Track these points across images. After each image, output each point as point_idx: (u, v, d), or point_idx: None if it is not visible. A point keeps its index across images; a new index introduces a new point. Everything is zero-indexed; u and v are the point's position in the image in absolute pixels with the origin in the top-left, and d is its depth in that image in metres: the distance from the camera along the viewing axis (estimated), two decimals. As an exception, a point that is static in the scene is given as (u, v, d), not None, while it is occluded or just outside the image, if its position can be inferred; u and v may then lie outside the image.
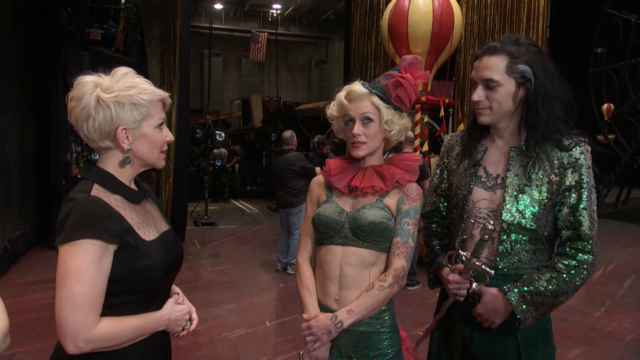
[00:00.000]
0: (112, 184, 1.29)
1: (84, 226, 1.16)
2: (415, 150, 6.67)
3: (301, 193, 5.50)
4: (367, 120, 1.55)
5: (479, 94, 1.50)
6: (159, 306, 1.33)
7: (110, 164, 1.31)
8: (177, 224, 7.34)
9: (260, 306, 4.70)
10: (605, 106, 11.99)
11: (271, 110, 16.39)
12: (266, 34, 18.20)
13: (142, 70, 8.12)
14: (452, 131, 8.04)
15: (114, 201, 1.27)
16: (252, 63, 21.48)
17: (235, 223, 9.42)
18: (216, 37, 21.18)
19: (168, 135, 1.38)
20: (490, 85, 1.47)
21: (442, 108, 6.35)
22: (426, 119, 7.05)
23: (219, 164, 11.00)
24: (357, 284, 1.54)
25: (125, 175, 1.33)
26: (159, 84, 7.37)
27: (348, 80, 1.64)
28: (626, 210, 10.21)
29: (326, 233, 1.59)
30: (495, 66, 1.45)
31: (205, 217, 9.13)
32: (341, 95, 1.60)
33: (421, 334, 1.75)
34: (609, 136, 11.92)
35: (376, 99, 1.55)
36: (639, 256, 6.97)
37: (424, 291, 5.04)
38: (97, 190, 1.26)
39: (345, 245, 1.56)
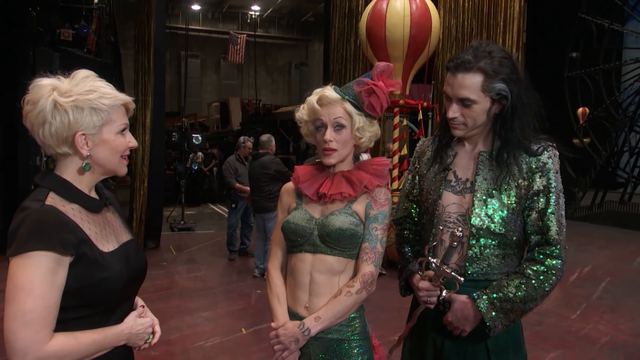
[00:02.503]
0: (69, 192, 1.25)
1: (36, 237, 1.12)
2: (394, 154, 6.71)
3: (277, 198, 5.47)
4: (339, 126, 1.55)
5: (454, 111, 1.50)
6: (119, 319, 1.29)
7: (69, 171, 1.27)
8: (152, 229, 7.25)
9: (237, 313, 4.65)
10: (580, 110, 12.27)
11: (250, 113, 16.33)
12: (245, 35, 18.12)
13: (115, 72, 8.02)
14: (432, 134, 8.10)
15: (71, 210, 1.22)
16: (231, 65, 21.36)
17: (212, 228, 9.32)
18: (194, 39, 21.03)
19: (131, 141, 1.35)
20: (466, 103, 1.48)
21: (421, 111, 6.39)
22: (405, 122, 7.08)
23: (196, 167, 10.87)
24: (327, 291, 1.53)
25: (85, 183, 1.28)
26: (134, 85, 7.28)
27: (327, 82, 1.63)
28: (601, 213, 10.43)
29: (295, 241, 1.58)
30: (470, 85, 1.46)
31: (182, 222, 9.04)
32: (313, 99, 1.58)
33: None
34: (585, 140, 12.19)
35: (348, 106, 1.54)
36: (613, 258, 7.11)
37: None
38: (53, 199, 1.21)
39: (315, 252, 1.56)
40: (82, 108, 1.21)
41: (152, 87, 6.95)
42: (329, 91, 1.56)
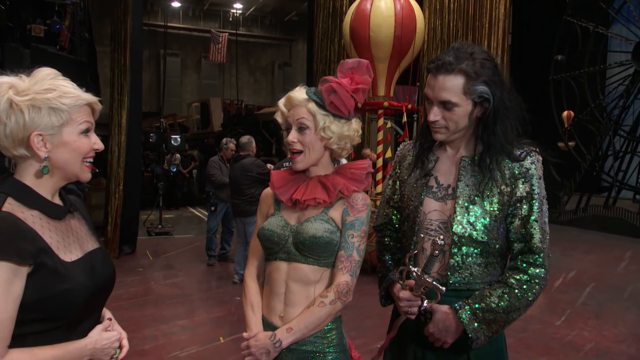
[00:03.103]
0: (29, 197, 1.20)
1: (-10, 246, 1.07)
2: (377, 157, 6.72)
3: (258, 201, 5.43)
4: (302, 127, 1.52)
5: (435, 114, 1.49)
6: (84, 334, 1.25)
7: (28, 175, 1.22)
8: (128, 234, 7.14)
9: (215, 321, 4.59)
10: (565, 113, 12.45)
11: (231, 114, 16.24)
12: (227, 34, 18.04)
13: (91, 70, 7.87)
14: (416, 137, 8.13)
15: (30, 217, 1.18)
16: (212, 64, 21.25)
17: (191, 232, 9.24)
18: (174, 37, 20.86)
19: (97, 143, 1.30)
20: (447, 106, 1.47)
21: (405, 114, 6.41)
22: (389, 124, 7.10)
23: (174, 170, 10.76)
24: (303, 300, 1.51)
25: (46, 188, 1.24)
26: (110, 84, 7.18)
27: (310, 83, 1.60)
28: (586, 218, 10.57)
29: (270, 248, 1.56)
30: (452, 87, 1.44)
31: (159, 226, 8.95)
32: (281, 102, 1.58)
33: None
34: (569, 143, 12.37)
35: (312, 105, 1.51)
36: (598, 264, 7.22)
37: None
38: (11, 205, 1.16)
39: (289, 261, 1.53)
40: (40, 107, 1.17)
41: (129, 86, 6.86)
42: (297, 92, 1.55)
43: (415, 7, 6.34)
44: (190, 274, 6.32)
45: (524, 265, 1.47)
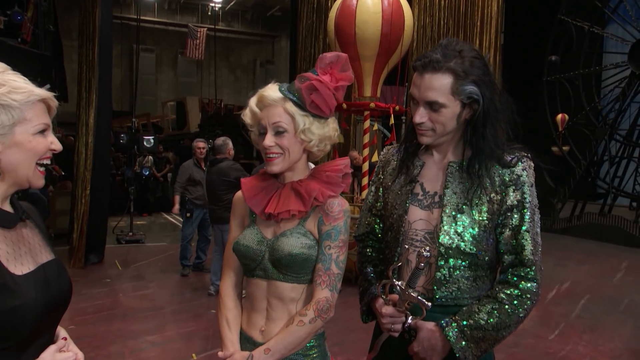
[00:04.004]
0: (-25, 204, 1.15)
1: None
2: (363, 160, 6.72)
3: (236, 207, 5.40)
4: (279, 130, 1.47)
5: (421, 116, 1.47)
6: (35, 355, 1.19)
7: (-26, 179, 1.17)
8: (95, 241, 7.02)
9: (188, 337, 4.52)
10: (559, 116, 12.62)
11: (209, 114, 16.17)
12: (205, 29, 17.95)
13: (56, 65, 7.75)
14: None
15: (-24, 226, 1.13)
16: (190, 61, 21.14)
17: (164, 240, 9.14)
18: (148, 31, 20.70)
19: (54, 143, 1.25)
20: (434, 107, 1.45)
21: (393, 115, 6.42)
22: (376, 126, 7.11)
23: (147, 173, 10.65)
24: (285, 316, 1.49)
25: None
26: (77, 81, 7.07)
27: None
28: (581, 226, 10.69)
29: (247, 264, 1.52)
30: (439, 87, 1.42)
31: (130, 233, 8.83)
32: (252, 101, 1.51)
33: None
34: (564, 148, 12.52)
35: (290, 105, 1.46)
36: (593, 274, 7.30)
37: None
38: (-45, 212, 1.11)
39: (268, 278, 1.49)
40: None
41: (97, 83, 6.76)
42: (270, 90, 1.48)
43: (404, 3, 6.37)
44: (162, 285, 6.22)
45: (515, 279, 1.45)
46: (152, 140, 9.28)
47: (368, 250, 1.72)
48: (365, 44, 6.17)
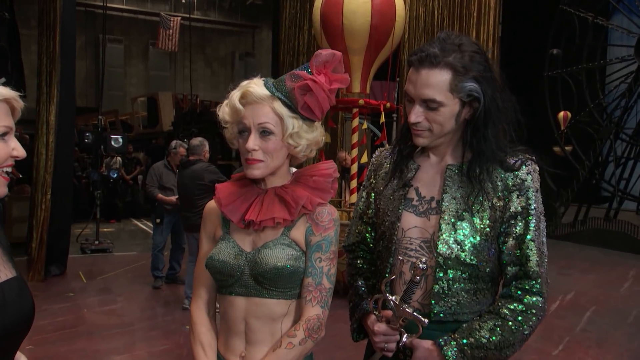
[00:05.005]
0: None
1: None
2: (352, 162, 6.71)
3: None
4: (265, 132, 1.43)
5: (417, 115, 1.46)
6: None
7: None
8: (56, 251, 6.93)
9: (160, 356, 4.48)
10: (561, 114, 12.74)
11: (184, 111, 16.07)
12: (179, 18, 17.83)
13: (13, 56, 7.63)
14: (395, 139, 8.18)
15: None
16: (162, 53, 21.02)
17: (134, 249, 9.07)
18: (116, 20, 20.55)
19: (16, 149, 1.22)
20: (431, 106, 1.44)
21: (383, 113, 6.43)
22: (365, 125, 7.11)
23: (115, 175, 10.56)
24: (268, 338, 1.46)
25: None
26: (37, 74, 6.97)
27: (276, 76, 1.51)
28: (585, 232, 10.78)
29: (223, 281, 1.48)
30: (437, 84, 1.42)
31: (96, 242, 8.75)
32: (235, 96, 1.46)
33: None
34: (566, 147, 12.63)
35: (279, 106, 1.43)
36: (599, 284, 7.38)
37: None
38: None
39: (248, 295, 1.46)
40: None
41: (59, 77, 6.67)
42: (256, 86, 1.44)
43: (395, -9, 6.38)
44: (131, 299, 6.16)
45: (519, 292, 1.45)
46: (120, 140, 9.19)
47: (359, 261, 1.70)
48: (353, 36, 6.16)
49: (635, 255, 9.39)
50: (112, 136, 9.26)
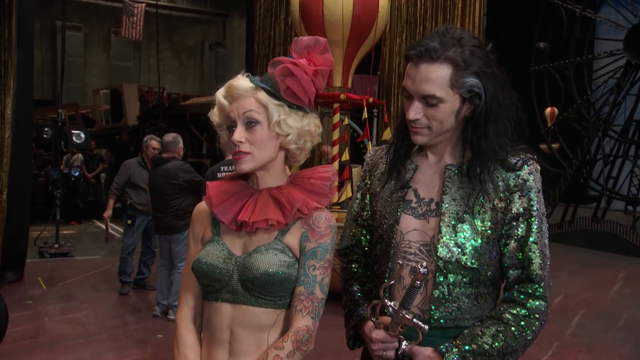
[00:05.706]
0: None
1: None
2: (333, 160, 6.74)
3: (187, 214, 5.32)
4: (251, 122, 1.44)
5: (415, 111, 1.47)
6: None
7: None
8: (12, 256, 6.82)
9: (129, 367, 4.45)
10: (548, 110, 12.95)
11: (151, 104, 15.90)
12: (144, 5, 17.59)
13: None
14: (377, 136, 8.25)
15: None
16: (125, 42, 20.79)
17: (98, 252, 9.01)
18: (75, 6, 20.22)
19: None
20: (430, 102, 1.45)
21: (365, 109, 6.46)
22: (346, 121, 7.14)
23: (76, 174, 10.41)
24: (253, 350, 1.46)
25: None
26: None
27: (251, 68, 1.52)
28: (572, 232, 10.97)
29: (210, 286, 1.48)
30: (437, 79, 1.43)
31: (56, 245, 8.63)
32: (220, 94, 1.49)
33: None
34: (553, 145, 12.84)
35: (263, 94, 1.45)
36: (588, 286, 7.54)
37: (343, 336, 5.03)
38: None
39: (235, 302, 1.46)
40: None
41: (15, 67, 6.55)
42: (240, 80, 1.47)
43: (378, -19, 6.43)
44: (96, 306, 6.09)
45: (522, 296, 1.48)
46: (82, 135, 9.07)
47: (354, 265, 1.71)
48: (334, 27, 6.18)
49: (624, 256, 9.62)
50: (74, 131, 9.12)
